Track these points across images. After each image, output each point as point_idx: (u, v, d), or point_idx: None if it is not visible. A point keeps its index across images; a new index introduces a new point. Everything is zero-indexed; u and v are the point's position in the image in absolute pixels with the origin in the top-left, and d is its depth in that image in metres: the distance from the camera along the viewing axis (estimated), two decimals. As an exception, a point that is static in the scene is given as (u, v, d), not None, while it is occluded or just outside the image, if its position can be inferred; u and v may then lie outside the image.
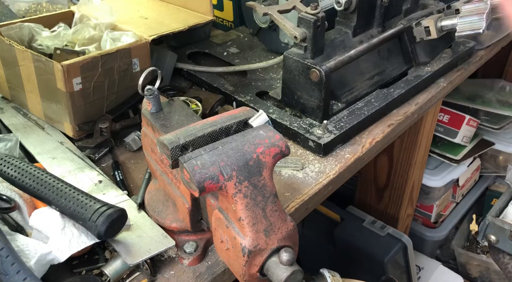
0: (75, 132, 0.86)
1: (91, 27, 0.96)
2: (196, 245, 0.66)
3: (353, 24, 0.96)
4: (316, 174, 0.82)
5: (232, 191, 0.52)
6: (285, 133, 0.89)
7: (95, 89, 0.85)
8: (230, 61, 1.12)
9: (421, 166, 1.42)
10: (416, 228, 1.72)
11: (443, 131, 1.64)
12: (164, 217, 0.68)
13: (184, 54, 1.14)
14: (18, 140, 0.80)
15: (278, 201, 0.54)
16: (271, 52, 1.17)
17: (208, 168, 0.52)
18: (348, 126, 0.88)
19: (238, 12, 1.28)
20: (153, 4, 1.14)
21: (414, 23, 1.02)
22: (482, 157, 1.86)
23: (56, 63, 0.80)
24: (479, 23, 0.89)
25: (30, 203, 0.69)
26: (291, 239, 0.55)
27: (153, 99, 0.67)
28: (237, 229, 0.53)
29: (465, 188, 1.84)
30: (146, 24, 1.01)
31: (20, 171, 0.65)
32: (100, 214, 0.59)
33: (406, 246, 1.37)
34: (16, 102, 0.95)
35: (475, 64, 1.20)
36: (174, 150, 0.55)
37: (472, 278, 1.81)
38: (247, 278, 0.54)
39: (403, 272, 1.44)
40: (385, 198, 1.49)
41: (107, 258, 0.65)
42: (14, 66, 0.88)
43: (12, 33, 0.91)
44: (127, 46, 0.88)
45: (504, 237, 1.00)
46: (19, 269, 0.54)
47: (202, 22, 1.04)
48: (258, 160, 0.54)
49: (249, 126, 0.59)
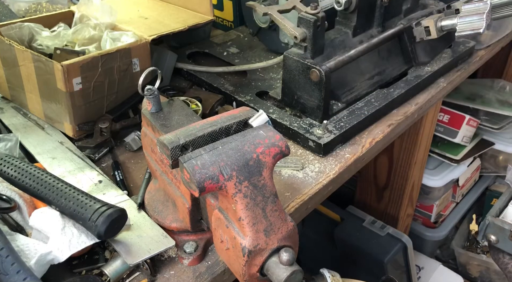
0: (75, 132, 0.86)
1: (91, 27, 0.96)
2: (196, 245, 0.66)
3: (353, 24, 0.97)
4: (316, 174, 0.82)
5: (232, 191, 0.52)
6: (285, 133, 0.89)
7: (95, 89, 0.85)
8: (230, 61, 1.12)
9: (421, 166, 1.42)
10: (416, 228, 1.72)
11: (443, 131, 1.64)
12: (164, 217, 0.68)
13: (184, 54, 1.14)
14: (18, 140, 0.80)
15: (278, 201, 0.54)
16: (271, 52, 1.17)
17: (208, 168, 0.52)
18: (348, 126, 0.88)
19: (238, 12, 1.28)
20: (153, 4, 1.14)
21: (414, 23, 1.02)
22: (482, 157, 1.86)
23: (56, 63, 0.80)
24: (479, 23, 0.89)
25: (30, 203, 0.69)
26: (291, 239, 0.55)
27: (153, 99, 0.67)
28: (237, 229, 0.53)
29: (465, 188, 1.84)
30: (146, 24, 1.01)
31: (20, 171, 0.65)
32: (100, 214, 0.59)
33: (406, 246, 1.37)
34: (16, 102, 0.95)
35: (475, 64, 1.20)
36: (174, 150, 0.55)
37: (472, 278, 1.81)
38: (247, 278, 0.54)
39: (403, 272, 1.44)
40: (385, 198, 1.49)
41: (107, 258, 0.65)
42: (14, 66, 0.88)
43: (12, 33, 0.91)
44: (127, 46, 0.88)
45: (504, 237, 1.00)
46: (19, 269, 0.54)
47: (202, 22, 1.04)
48: (258, 160, 0.54)
49: (249, 126, 0.59)
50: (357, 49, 0.95)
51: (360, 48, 0.96)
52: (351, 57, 0.94)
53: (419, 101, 1.02)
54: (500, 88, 1.81)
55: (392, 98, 0.96)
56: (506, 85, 1.81)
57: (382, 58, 1.04)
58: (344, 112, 0.92)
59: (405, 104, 1.00)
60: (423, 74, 1.04)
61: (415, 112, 1.00)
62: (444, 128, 1.64)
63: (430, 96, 1.04)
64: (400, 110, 0.98)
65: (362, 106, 0.93)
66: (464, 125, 1.62)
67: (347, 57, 0.93)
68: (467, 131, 1.64)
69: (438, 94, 1.06)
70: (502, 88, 1.81)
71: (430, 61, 1.08)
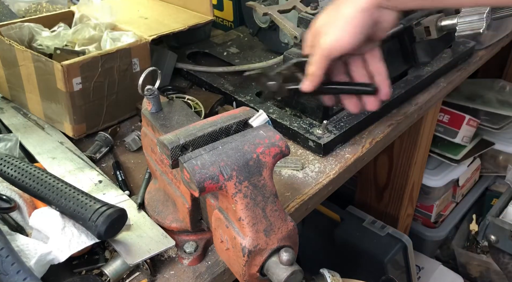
0: (75, 132, 0.86)
1: (91, 27, 0.96)
2: (196, 245, 0.66)
3: (353, 24, 0.96)
4: (316, 174, 0.82)
5: (232, 191, 0.52)
6: (285, 133, 0.89)
7: (95, 89, 0.85)
8: (230, 61, 1.12)
9: (421, 166, 1.42)
10: (416, 228, 1.72)
11: (443, 131, 1.64)
12: (164, 217, 0.68)
13: (184, 54, 1.14)
14: (18, 140, 0.80)
15: (278, 201, 0.54)
16: (271, 52, 1.17)
17: (208, 168, 0.52)
18: (348, 126, 0.88)
19: (238, 12, 1.28)
20: (153, 4, 1.14)
21: (414, 23, 1.02)
22: (482, 157, 1.86)
23: (56, 63, 0.80)
24: (479, 23, 0.89)
25: (30, 203, 0.69)
26: (291, 239, 0.55)
27: (153, 99, 0.67)
28: (237, 229, 0.53)
29: (465, 188, 1.84)
30: (146, 24, 1.01)
31: (20, 171, 0.65)
32: (100, 214, 0.59)
33: (406, 246, 1.37)
34: (16, 102, 0.95)
35: (475, 64, 1.20)
36: (174, 150, 0.55)
37: (472, 278, 1.81)
38: (247, 278, 0.54)
39: (403, 272, 1.44)
40: (385, 198, 1.49)
41: (107, 258, 0.65)
42: (14, 66, 0.88)
43: (12, 33, 0.91)
44: (127, 46, 0.88)
45: (504, 237, 1.00)
46: (19, 269, 0.54)
47: (202, 22, 1.04)
48: (258, 160, 0.54)
49: (249, 126, 0.59)
50: (357, 49, 0.95)
51: (360, 48, 0.96)
52: (351, 57, 0.94)
53: (419, 101, 1.02)
54: (500, 88, 1.81)
55: (392, 98, 0.96)
56: (506, 85, 1.81)
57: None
58: (344, 112, 0.92)
59: (405, 104, 1.00)
60: (423, 74, 1.04)
61: (415, 112, 1.00)
62: (444, 128, 1.64)
63: (430, 96, 1.04)
64: (400, 110, 0.98)
65: (362, 106, 0.93)
66: (464, 125, 1.62)
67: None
68: (467, 131, 1.64)
69: (438, 94, 1.06)
70: (502, 88, 1.81)
71: (430, 61, 1.08)
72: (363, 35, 0.68)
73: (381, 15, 0.68)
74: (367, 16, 0.66)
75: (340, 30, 0.67)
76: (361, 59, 0.75)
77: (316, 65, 0.71)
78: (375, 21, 0.68)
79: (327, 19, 0.70)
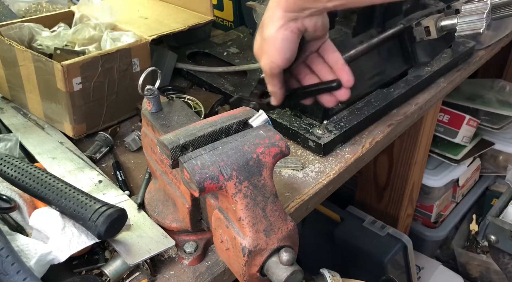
0: (75, 132, 0.86)
1: (91, 27, 0.96)
2: (196, 245, 0.66)
3: (353, 24, 0.96)
4: (316, 174, 0.82)
5: (232, 191, 0.52)
6: (285, 133, 0.89)
7: (95, 89, 0.85)
8: (230, 61, 1.12)
9: (421, 166, 1.42)
10: (416, 228, 1.72)
11: (443, 131, 1.64)
12: (164, 217, 0.68)
13: (184, 54, 1.14)
14: (18, 140, 0.80)
15: (278, 201, 0.54)
16: (271, 52, 1.17)
17: (208, 168, 0.52)
18: (348, 126, 0.88)
19: (238, 12, 1.28)
20: (153, 4, 1.14)
21: (414, 23, 1.02)
22: (482, 157, 1.86)
23: (56, 63, 0.80)
24: (479, 23, 0.88)
25: (30, 203, 0.69)
26: (291, 239, 0.55)
27: (153, 99, 0.67)
28: (237, 229, 0.53)
29: (465, 188, 1.84)
30: (146, 24, 1.01)
31: (20, 171, 0.65)
32: (100, 214, 0.59)
33: (406, 246, 1.37)
34: (16, 102, 0.95)
35: (475, 64, 1.20)
36: (174, 150, 0.55)
37: (472, 278, 1.81)
38: (247, 278, 0.54)
39: (403, 272, 1.44)
40: (385, 198, 1.49)
41: (107, 258, 0.65)
42: (14, 66, 0.88)
43: (12, 33, 0.91)
44: (127, 46, 0.88)
45: (504, 237, 1.00)
46: (19, 269, 0.54)
47: (202, 22, 1.04)
48: (258, 160, 0.54)
49: (249, 126, 0.59)
50: (357, 49, 0.95)
51: (360, 48, 0.95)
52: (351, 57, 0.94)
53: (419, 101, 1.02)
54: (500, 88, 1.81)
55: (392, 98, 0.96)
56: (506, 85, 1.81)
57: (382, 58, 1.03)
58: (344, 112, 0.92)
59: (405, 104, 1.00)
60: (423, 74, 1.04)
61: (415, 112, 1.00)
62: (444, 128, 1.64)
63: (430, 96, 1.04)
64: (400, 110, 0.98)
65: (362, 106, 0.93)
66: (464, 125, 1.62)
67: (347, 57, 0.92)
68: (467, 131, 1.64)
69: (438, 94, 1.06)
70: (502, 88, 1.81)
71: (430, 61, 1.08)
72: (292, 49, 0.69)
73: (306, 23, 0.68)
74: (288, 32, 0.68)
75: (270, 51, 0.69)
76: (317, 56, 0.77)
77: (270, 83, 0.75)
78: (302, 30, 0.69)
79: (259, 41, 0.72)
